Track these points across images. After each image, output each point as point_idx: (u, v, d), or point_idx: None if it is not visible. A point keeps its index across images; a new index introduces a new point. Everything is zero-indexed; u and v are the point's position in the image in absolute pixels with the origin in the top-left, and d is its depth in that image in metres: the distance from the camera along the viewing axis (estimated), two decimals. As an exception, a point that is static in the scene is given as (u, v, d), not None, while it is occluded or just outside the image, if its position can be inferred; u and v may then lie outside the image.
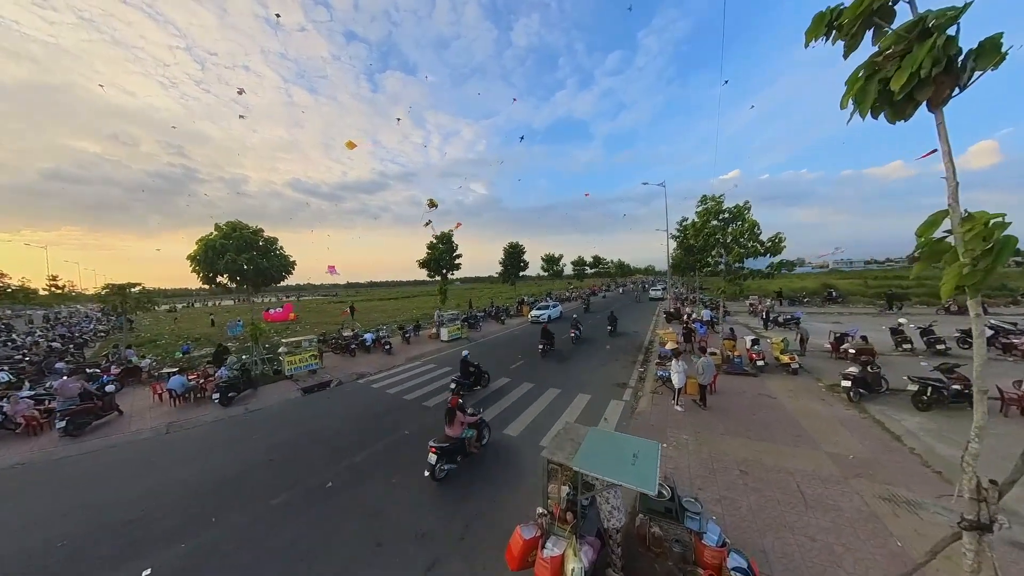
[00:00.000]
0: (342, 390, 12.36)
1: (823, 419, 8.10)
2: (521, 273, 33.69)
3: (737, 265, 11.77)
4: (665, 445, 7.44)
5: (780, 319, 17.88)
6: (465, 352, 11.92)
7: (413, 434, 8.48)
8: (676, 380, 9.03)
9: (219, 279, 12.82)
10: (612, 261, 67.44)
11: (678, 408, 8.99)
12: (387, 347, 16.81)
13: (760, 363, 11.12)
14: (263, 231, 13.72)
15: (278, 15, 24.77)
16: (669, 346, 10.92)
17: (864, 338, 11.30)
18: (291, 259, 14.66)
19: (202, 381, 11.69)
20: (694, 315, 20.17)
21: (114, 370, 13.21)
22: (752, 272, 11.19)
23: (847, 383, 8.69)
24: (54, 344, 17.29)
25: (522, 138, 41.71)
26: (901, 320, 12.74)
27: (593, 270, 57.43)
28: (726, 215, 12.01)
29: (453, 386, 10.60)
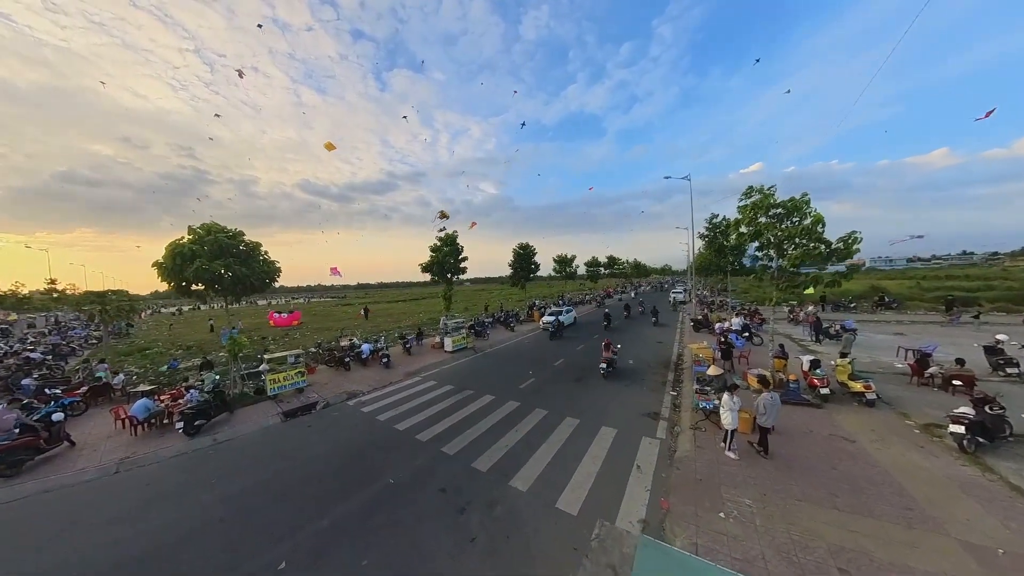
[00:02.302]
0: (328, 414, 10.84)
1: (934, 481, 6.10)
2: (532, 275, 31.91)
3: (792, 270, 9.73)
4: (722, 515, 5.60)
5: (832, 330, 15.69)
6: (606, 310, 26.10)
7: (398, 485, 6.83)
8: (728, 420, 7.15)
9: (194, 287, 11.46)
10: (627, 261, 64.89)
11: (731, 455, 7.11)
12: (384, 360, 15.28)
13: (824, 390, 9.10)
14: (243, 235, 12.32)
15: (260, 25, 23.53)
16: (712, 371, 9.00)
17: (960, 361, 9.14)
18: (276, 265, 13.25)
19: (170, 404, 10.35)
20: (726, 324, 18.10)
21: (81, 388, 11.98)
22: (815, 278, 9.14)
23: (959, 428, 6.65)
24: (32, 355, 16.36)
25: (523, 124, 40.22)
26: (1000, 336, 10.44)
27: (608, 271, 55.13)
28: (779, 210, 9.98)
29: (605, 324, 21.72)
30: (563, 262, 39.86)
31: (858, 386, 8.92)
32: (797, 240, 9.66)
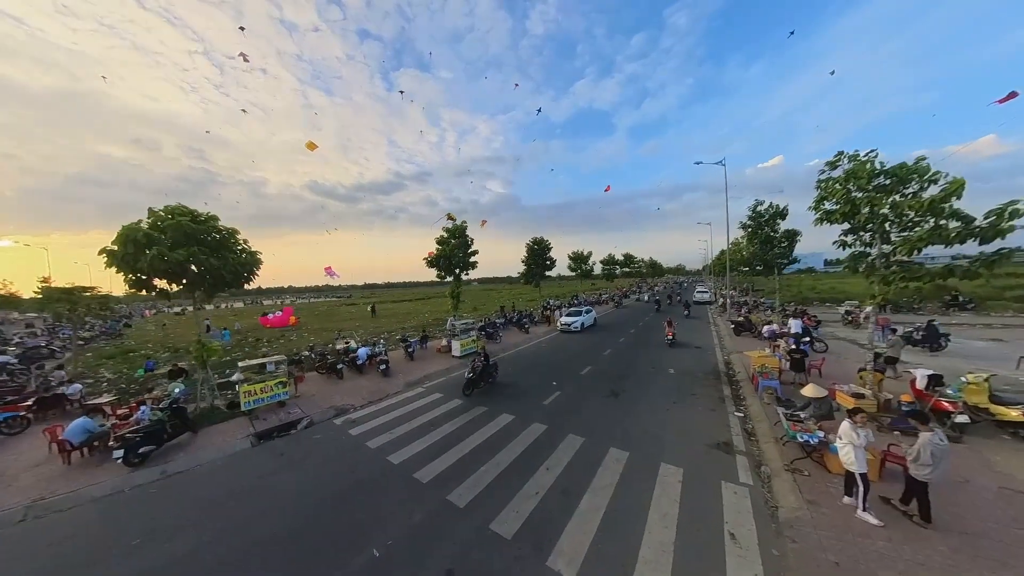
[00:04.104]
0: (308, 436, 8.84)
1: None
2: (547, 272, 29.66)
3: (907, 259, 7.44)
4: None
5: (917, 334, 13.20)
6: (656, 298, 35.26)
7: (385, 559, 4.75)
8: (854, 461, 4.95)
9: (157, 282, 9.60)
10: (643, 260, 62.21)
11: (867, 516, 4.88)
12: (382, 367, 13.30)
13: (960, 417, 6.76)
14: (218, 219, 10.40)
15: (242, 27, 22.21)
16: (809, 391, 6.71)
17: None
18: (258, 256, 11.30)
19: (118, 423, 8.49)
20: (774, 326, 15.71)
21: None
22: (948, 269, 6.81)
23: None
24: (2, 358, 14.82)
25: (539, 110, 38.07)
26: None
27: (624, 269, 52.54)
28: (884, 180, 7.69)
29: (656, 308, 30.09)
30: (578, 259, 37.53)
31: (1013, 414, 6.57)
32: (915, 217, 7.35)
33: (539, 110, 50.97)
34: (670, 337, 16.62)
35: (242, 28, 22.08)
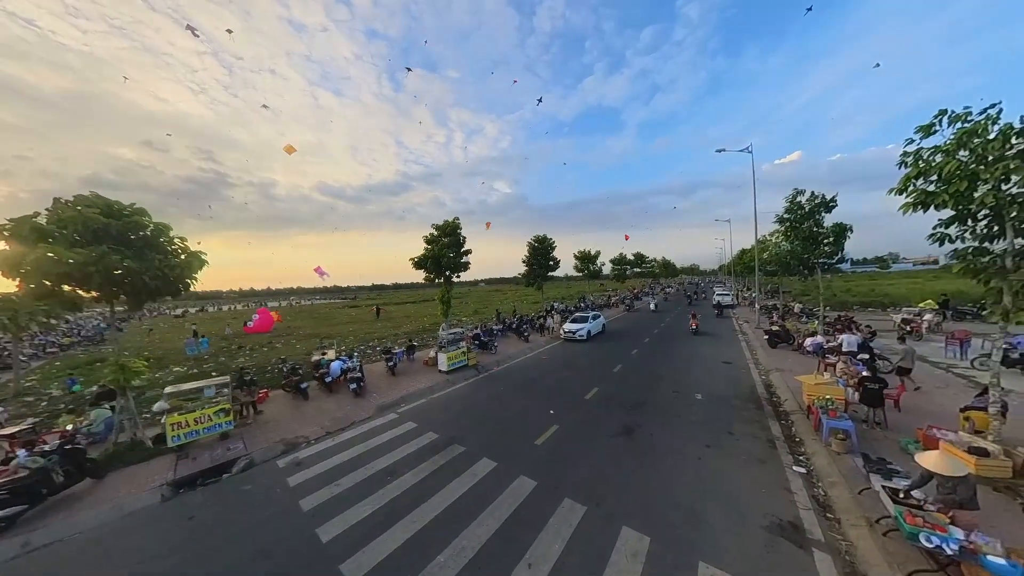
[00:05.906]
0: (238, 485, 6.93)
1: None
2: (549, 274, 27.41)
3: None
4: None
5: (1016, 351, 10.57)
6: (688, 293, 44.20)
7: None
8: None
9: (63, 287, 7.85)
10: (656, 259, 59.19)
11: None
12: (353, 385, 11.38)
13: None
14: (145, 213, 8.57)
15: (229, 30, 21.07)
16: (935, 463, 4.37)
17: None
18: (202, 258, 9.41)
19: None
20: (818, 338, 13.25)
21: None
22: None
23: None
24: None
25: (540, 100, 35.97)
26: None
27: (635, 269, 49.75)
28: (1021, 141, 5.36)
29: (688, 301, 37.57)
30: (585, 259, 35.13)
31: None
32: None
33: (540, 100, 48.71)
34: (694, 327, 19.03)
35: (229, 31, 21.01)
